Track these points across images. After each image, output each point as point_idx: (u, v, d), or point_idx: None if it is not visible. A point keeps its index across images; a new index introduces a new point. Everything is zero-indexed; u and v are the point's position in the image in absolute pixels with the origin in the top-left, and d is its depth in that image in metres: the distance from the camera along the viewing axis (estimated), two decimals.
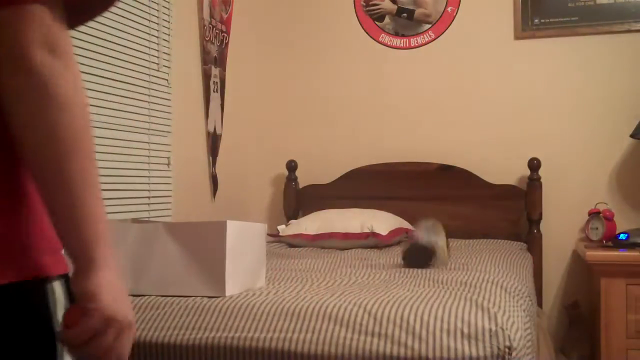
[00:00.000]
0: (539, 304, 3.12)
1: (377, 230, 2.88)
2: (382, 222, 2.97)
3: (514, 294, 1.93)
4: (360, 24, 3.56)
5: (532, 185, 3.16)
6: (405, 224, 3.08)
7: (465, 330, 1.42)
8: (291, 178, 3.52)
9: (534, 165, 3.17)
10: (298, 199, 3.51)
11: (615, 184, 3.19)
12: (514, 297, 1.89)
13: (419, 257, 2.25)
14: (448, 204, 3.30)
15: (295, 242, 3.00)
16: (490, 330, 1.41)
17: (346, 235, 2.89)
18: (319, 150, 3.60)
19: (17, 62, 0.72)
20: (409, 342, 1.39)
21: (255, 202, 3.69)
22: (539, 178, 3.17)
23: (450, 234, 3.22)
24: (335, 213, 3.10)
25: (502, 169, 3.33)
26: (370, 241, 2.88)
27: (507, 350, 1.38)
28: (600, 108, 3.22)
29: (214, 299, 1.63)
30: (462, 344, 1.38)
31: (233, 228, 1.72)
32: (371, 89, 3.54)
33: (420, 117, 3.46)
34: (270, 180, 3.68)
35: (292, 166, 3.52)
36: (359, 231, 2.90)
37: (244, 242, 1.79)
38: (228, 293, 1.66)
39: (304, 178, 3.60)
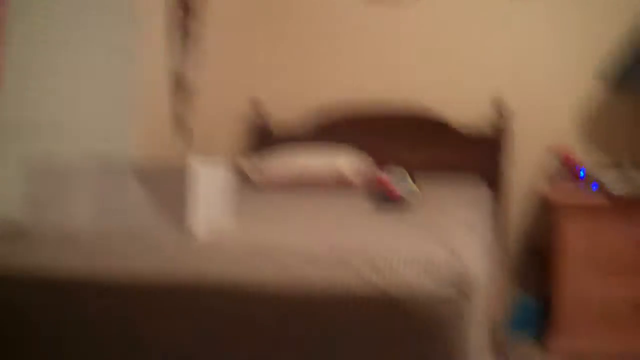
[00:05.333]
0: (504, 244, 3.18)
1: (345, 172, 2.89)
2: (351, 163, 2.97)
3: (476, 230, 1.97)
4: None
5: (500, 129, 3.19)
6: (374, 167, 3.08)
7: (428, 266, 1.44)
8: (258, 118, 3.49)
9: (502, 109, 3.19)
10: (266, 140, 3.48)
11: (581, 127, 3.23)
12: (476, 233, 1.93)
13: (387, 199, 2.26)
14: (418, 149, 3.30)
15: (264, 183, 2.99)
16: (449, 263, 1.44)
17: (314, 177, 2.90)
18: (290, 91, 3.56)
19: None
20: (370, 276, 1.41)
21: (222, 142, 3.65)
22: (507, 122, 3.19)
23: (419, 178, 3.26)
24: (304, 155, 3.09)
25: (471, 114, 3.32)
26: (339, 184, 2.89)
27: (464, 283, 1.41)
28: (568, 51, 3.22)
29: (181, 239, 1.63)
30: (423, 278, 1.41)
31: (200, 169, 1.72)
32: (345, 32, 3.47)
33: (393, 62, 3.42)
34: (237, 121, 3.63)
35: (259, 107, 3.49)
36: (328, 173, 2.90)
37: (212, 183, 1.78)
38: (195, 233, 1.66)
39: (274, 119, 3.56)
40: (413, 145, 3.31)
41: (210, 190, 1.76)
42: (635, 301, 2.79)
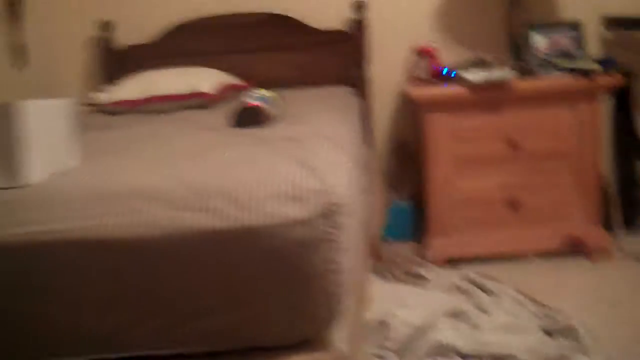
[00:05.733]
0: (374, 150, 3.16)
1: (203, 89, 2.73)
2: (209, 80, 2.81)
3: (341, 143, 1.90)
4: None
5: (358, 28, 3.11)
6: (234, 81, 2.95)
7: (291, 192, 1.35)
8: (107, 40, 3.23)
9: (359, 6, 3.11)
10: (117, 62, 3.23)
11: (439, 21, 3.20)
12: (341, 147, 1.86)
13: (248, 116, 2.15)
14: (279, 53, 3.19)
15: (116, 110, 2.78)
16: (316, 189, 1.36)
17: (170, 97, 2.72)
18: (136, 7, 3.29)
19: None
20: (233, 213, 1.31)
21: (68, 70, 3.35)
22: (365, 20, 3.12)
23: (283, 84, 3.15)
24: (157, 74, 2.90)
25: (328, 13, 3.22)
26: (197, 101, 2.73)
27: (333, 207, 1.34)
28: None
29: (13, 190, 1.45)
30: (287, 207, 1.32)
31: (30, 108, 1.52)
32: None
33: None
34: (83, 44, 3.34)
35: (107, 26, 3.22)
36: (183, 92, 2.74)
37: (47, 122, 1.59)
38: (29, 181, 1.48)
39: (122, 39, 3.30)
40: (275, 51, 3.18)
41: (45, 129, 1.57)
42: (507, 196, 2.84)
